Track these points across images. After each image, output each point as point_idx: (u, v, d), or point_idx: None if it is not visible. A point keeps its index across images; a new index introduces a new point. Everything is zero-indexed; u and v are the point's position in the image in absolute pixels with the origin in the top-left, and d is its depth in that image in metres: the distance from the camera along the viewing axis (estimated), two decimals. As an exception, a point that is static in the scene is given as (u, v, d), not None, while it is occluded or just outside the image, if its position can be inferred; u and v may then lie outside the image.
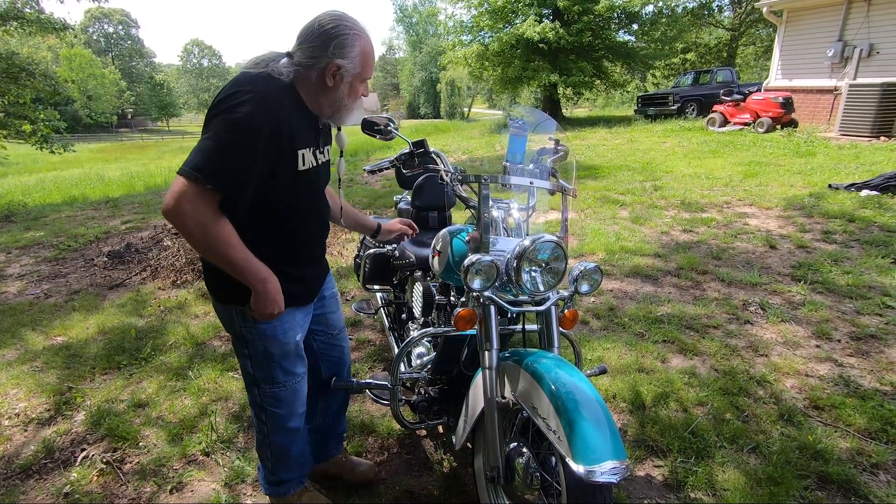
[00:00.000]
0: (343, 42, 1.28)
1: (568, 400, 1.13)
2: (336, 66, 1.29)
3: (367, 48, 1.32)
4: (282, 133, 1.25)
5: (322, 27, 1.28)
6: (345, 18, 1.30)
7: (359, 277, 2.62)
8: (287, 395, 1.52)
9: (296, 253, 1.43)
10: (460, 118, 40.05)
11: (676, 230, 4.69)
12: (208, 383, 2.56)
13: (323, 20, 1.28)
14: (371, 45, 1.33)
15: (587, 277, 1.43)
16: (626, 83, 19.26)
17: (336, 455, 1.90)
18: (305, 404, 1.62)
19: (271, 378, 1.49)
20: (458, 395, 1.77)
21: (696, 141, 10.10)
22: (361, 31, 1.31)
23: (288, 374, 1.50)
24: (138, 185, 10.00)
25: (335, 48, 1.28)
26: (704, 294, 3.34)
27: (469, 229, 1.61)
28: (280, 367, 1.48)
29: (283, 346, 1.46)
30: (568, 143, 1.63)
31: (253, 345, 1.45)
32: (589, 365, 2.52)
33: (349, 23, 1.30)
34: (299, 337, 1.50)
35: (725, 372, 2.45)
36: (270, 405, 1.53)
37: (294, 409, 1.56)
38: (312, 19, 1.29)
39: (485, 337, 1.38)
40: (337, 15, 1.30)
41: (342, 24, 1.28)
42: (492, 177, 1.42)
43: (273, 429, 1.57)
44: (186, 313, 3.45)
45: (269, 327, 1.43)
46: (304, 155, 1.34)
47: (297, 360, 1.52)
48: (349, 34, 1.28)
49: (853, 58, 10.16)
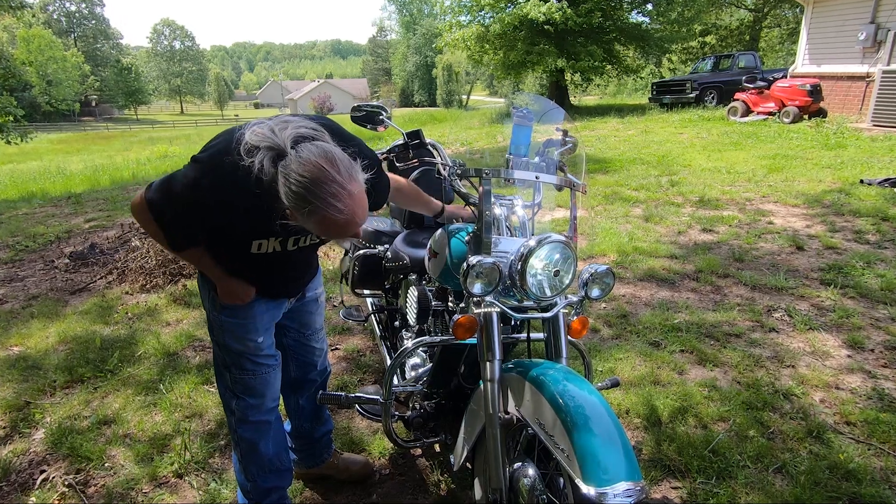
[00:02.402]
0: (310, 210, 1.15)
1: (577, 415, 1.13)
2: (296, 217, 1.21)
3: (329, 220, 1.17)
4: (221, 217, 1.30)
5: (298, 182, 1.13)
6: (320, 184, 1.13)
7: (347, 281, 2.62)
8: (256, 384, 1.60)
9: (265, 285, 1.56)
10: (458, 106, 40.07)
11: (695, 229, 4.70)
12: (181, 398, 2.55)
13: (304, 171, 1.13)
14: (339, 217, 1.16)
15: (598, 281, 1.43)
16: (639, 69, 19.33)
17: (328, 459, 1.98)
18: (276, 400, 1.69)
19: (240, 364, 1.59)
20: (456, 410, 1.77)
21: (715, 132, 10.14)
22: (330, 202, 1.15)
23: (256, 364, 1.60)
24: (103, 180, 9.97)
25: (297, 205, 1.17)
26: (725, 299, 3.35)
27: (469, 228, 1.61)
28: (246, 357, 1.58)
29: (243, 344, 1.57)
30: (577, 134, 1.63)
31: (218, 333, 1.58)
32: (600, 377, 2.52)
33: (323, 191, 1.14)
34: (260, 340, 1.58)
35: (749, 384, 2.46)
36: (240, 392, 1.62)
37: (263, 402, 1.63)
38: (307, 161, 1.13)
39: (486, 346, 1.38)
40: (315, 175, 1.13)
41: (315, 190, 1.14)
42: (494, 171, 1.42)
43: (240, 419, 1.64)
44: (157, 320, 3.44)
45: (230, 322, 1.54)
46: (263, 244, 1.42)
47: (261, 356, 1.61)
48: (315, 205, 1.14)
49: (887, 42, 10.23)
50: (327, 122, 1.36)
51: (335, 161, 1.16)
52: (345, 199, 1.15)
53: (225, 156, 1.23)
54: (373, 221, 2.66)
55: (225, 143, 1.26)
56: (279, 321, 1.69)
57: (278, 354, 1.66)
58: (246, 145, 1.17)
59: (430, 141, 1.74)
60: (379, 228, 2.56)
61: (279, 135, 1.17)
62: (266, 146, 1.16)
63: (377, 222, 2.66)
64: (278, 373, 1.66)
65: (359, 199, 1.18)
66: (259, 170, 1.16)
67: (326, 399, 1.75)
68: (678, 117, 12.84)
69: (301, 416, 1.91)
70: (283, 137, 1.16)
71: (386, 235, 2.50)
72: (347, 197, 1.16)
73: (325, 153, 1.15)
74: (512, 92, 32.50)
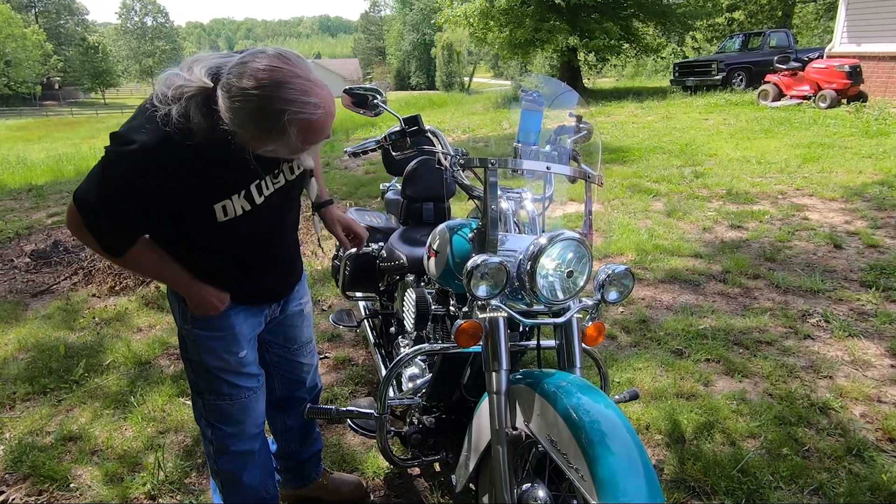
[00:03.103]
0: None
1: (593, 431, 1.13)
2: (264, 141, 1.18)
3: (308, 123, 1.14)
4: (169, 192, 1.22)
5: (258, 96, 1.10)
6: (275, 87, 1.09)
7: (337, 283, 2.62)
8: (234, 411, 1.56)
9: (240, 279, 1.49)
10: (460, 89, 40.06)
11: (722, 226, 4.70)
12: (155, 411, 2.55)
13: (260, 79, 1.09)
14: (317, 115, 1.13)
15: (615, 283, 1.43)
16: (660, 48, 19.32)
17: (316, 479, 1.96)
18: (261, 425, 1.65)
19: (215, 389, 1.54)
20: (458, 425, 1.76)
21: (744, 118, 10.13)
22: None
23: (234, 388, 1.54)
24: (67, 170, 9.97)
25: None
26: (756, 303, 3.35)
27: (472, 224, 1.61)
28: (223, 379, 1.53)
29: (223, 360, 1.51)
30: (591, 120, 1.63)
31: (192, 350, 1.52)
32: (617, 389, 2.52)
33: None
34: (243, 354, 1.54)
35: (781, 397, 2.46)
36: (215, 420, 1.57)
37: (244, 430, 1.59)
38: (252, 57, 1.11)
39: (491, 355, 1.38)
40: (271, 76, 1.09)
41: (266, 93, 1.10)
42: (500, 161, 1.42)
43: (219, 450, 1.60)
44: (127, 326, 3.44)
45: (206, 336, 1.48)
46: (227, 206, 1.32)
47: (243, 375, 1.56)
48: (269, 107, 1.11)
49: (934, 18, 10.21)
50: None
51: (285, 56, 1.11)
52: (315, 92, 1.11)
53: (146, 122, 1.18)
54: (365, 216, 2.66)
55: (141, 110, 1.22)
56: (261, 335, 1.65)
57: (262, 373, 1.63)
58: (162, 98, 1.14)
59: (429, 127, 1.73)
60: (372, 224, 2.56)
61: (194, 75, 1.14)
62: (188, 93, 1.13)
63: (370, 217, 2.66)
64: (261, 395, 1.62)
65: (324, 86, 1.15)
66: (188, 119, 1.12)
67: (315, 413, 1.74)
68: (703, 102, 12.82)
69: (288, 437, 1.89)
70: (199, 75, 1.13)
71: (380, 232, 2.50)
72: (316, 87, 1.12)
73: (269, 52, 1.11)
74: (519, 74, 32.48)
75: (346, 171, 7.90)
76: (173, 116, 1.13)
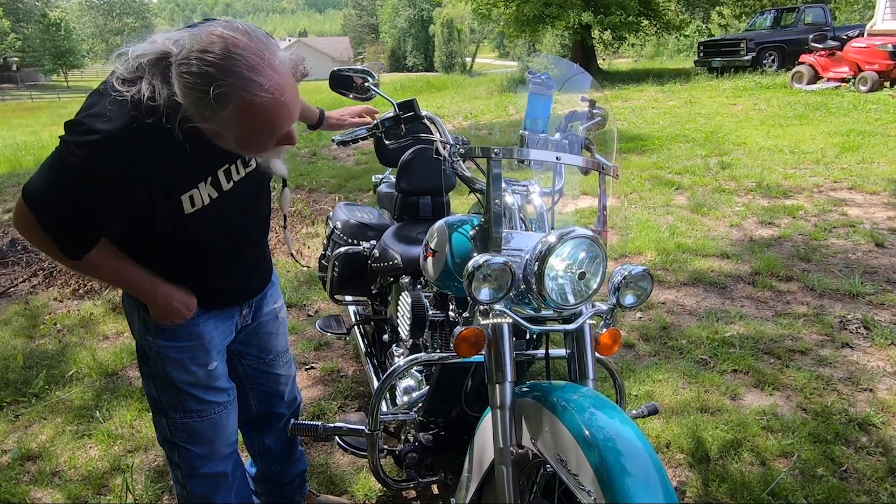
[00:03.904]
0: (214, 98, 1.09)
1: (607, 450, 1.13)
2: (207, 119, 1.16)
3: (251, 106, 1.11)
4: (136, 186, 1.21)
5: (200, 61, 1.08)
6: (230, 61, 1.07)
7: (324, 285, 2.62)
8: (203, 429, 1.55)
9: (207, 275, 1.48)
10: (461, 71, 40.06)
11: (751, 222, 4.70)
12: (122, 427, 2.55)
13: (205, 45, 1.08)
14: (263, 99, 1.10)
15: (632, 286, 1.43)
16: (683, 25, 19.32)
17: (301, 502, 1.97)
18: (233, 444, 1.65)
19: (181, 405, 1.53)
20: (458, 443, 1.76)
21: (776, 103, 10.13)
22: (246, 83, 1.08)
23: (203, 403, 1.54)
24: (26, 161, 9.96)
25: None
26: (789, 308, 3.35)
27: (474, 220, 1.61)
28: (190, 394, 1.52)
29: (191, 373, 1.50)
30: (606, 106, 1.63)
31: (154, 363, 1.50)
32: (635, 403, 2.52)
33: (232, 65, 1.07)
34: (213, 366, 1.53)
35: (817, 412, 2.46)
36: (182, 441, 1.56)
37: (214, 449, 1.59)
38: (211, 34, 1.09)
39: (495, 366, 1.38)
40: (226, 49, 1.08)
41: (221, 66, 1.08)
42: (505, 150, 1.41)
43: (187, 473, 1.60)
44: (92, 333, 3.44)
45: (172, 347, 1.47)
46: (195, 196, 1.31)
47: (213, 390, 1.56)
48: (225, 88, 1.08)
49: None
50: None
51: (241, 29, 1.09)
52: (266, 72, 1.07)
53: (109, 107, 1.15)
54: (356, 212, 2.66)
55: (99, 93, 1.19)
56: (231, 346, 1.65)
57: (233, 388, 1.63)
58: (122, 77, 1.12)
59: (426, 113, 1.73)
60: (363, 221, 2.56)
61: (154, 47, 1.11)
62: (149, 60, 1.10)
63: (361, 213, 2.66)
64: (232, 411, 1.62)
65: (284, 73, 1.11)
66: (155, 96, 1.09)
67: (299, 430, 1.74)
68: (730, 85, 12.82)
69: (268, 459, 1.88)
70: (158, 48, 1.10)
71: (372, 229, 2.50)
72: (269, 69, 1.08)
73: (232, 22, 1.10)
74: (527, 53, 32.49)
75: (334, 162, 7.91)
76: (143, 95, 1.11)
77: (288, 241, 1.81)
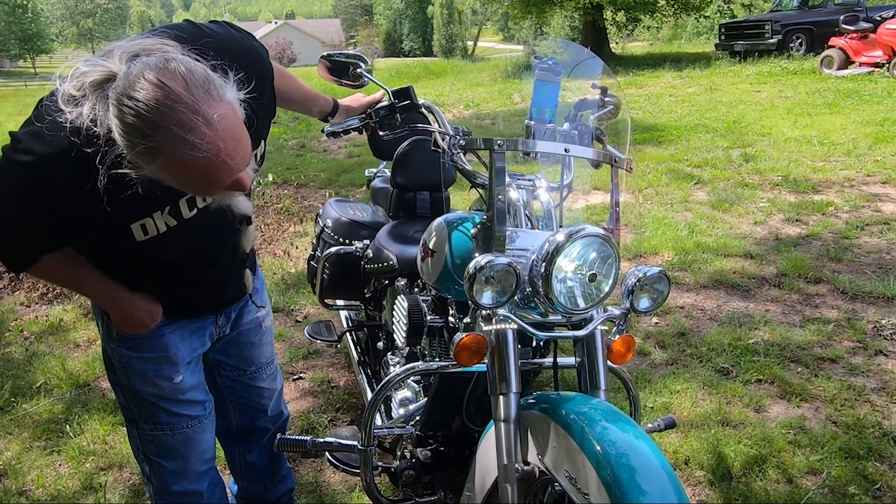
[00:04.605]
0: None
1: (620, 467, 1.14)
2: (139, 166, 1.13)
3: (180, 164, 1.07)
4: (73, 214, 1.20)
5: (130, 109, 1.04)
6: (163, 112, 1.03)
7: (314, 288, 2.62)
8: (175, 443, 1.56)
9: (174, 285, 1.47)
10: (462, 56, 40.09)
11: (777, 219, 4.70)
12: (95, 443, 2.55)
13: (133, 92, 1.03)
14: (193, 157, 1.05)
15: (648, 288, 1.43)
16: (703, 5, 19.30)
17: None
18: (209, 461, 1.65)
19: (150, 416, 1.53)
20: (459, 459, 1.77)
21: (804, 90, 10.13)
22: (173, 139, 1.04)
23: (173, 416, 1.54)
24: (-9, 154, 9.99)
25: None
26: (818, 312, 3.35)
27: (476, 218, 1.61)
28: (159, 406, 1.52)
29: (155, 386, 1.50)
30: (619, 93, 1.63)
31: (121, 372, 1.51)
32: (650, 416, 2.52)
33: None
34: (179, 379, 1.52)
35: (848, 425, 2.46)
36: (153, 454, 1.57)
37: (188, 465, 1.59)
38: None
39: (499, 375, 1.38)
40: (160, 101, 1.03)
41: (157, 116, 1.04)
42: (509, 141, 1.41)
43: (159, 489, 1.60)
44: (63, 340, 3.44)
45: (135, 357, 1.47)
46: (147, 225, 1.29)
47: (183, 403, 1.55)
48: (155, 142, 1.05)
49: None
50: (187, 29, 1.27)
51: (178, 73, 1.04)
52: (199, 129, 1.03)
53: (47, 129, 1.12)
54: (348, 209, 2.66)
55: (44, 110, 1.16)
56: (209, 355, 1.65)
57: (209, 400, 1.62)
58: (65, 96, 1.09)
59: (423, 102, 1.73)
60: (356, 218, 2.56)
61: (103, 65, 1.07)
62: (94, 81, 1.06)
63: (353, 210, 2.66)
64: (208, 425, 1.62)
65: (225, 128, 1.06)
66: (90, 120, 1.06)
67: (286, 445, 1.74)
68: (754, 70, 12.82)
69: (251, 477, 1.88)
70: (106, 67, 1.07)
71: (365, 228, 2.50)
72: (203, 125, 1.03)
73: (164, 64, 1.05)
74: (533, 37, 32.52)
75: (324, 155, 7.91)
76: (84, 120, 1.07)
77: (249, 241, 1.64)
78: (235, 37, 1.35)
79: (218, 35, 1.29)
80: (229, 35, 1.34)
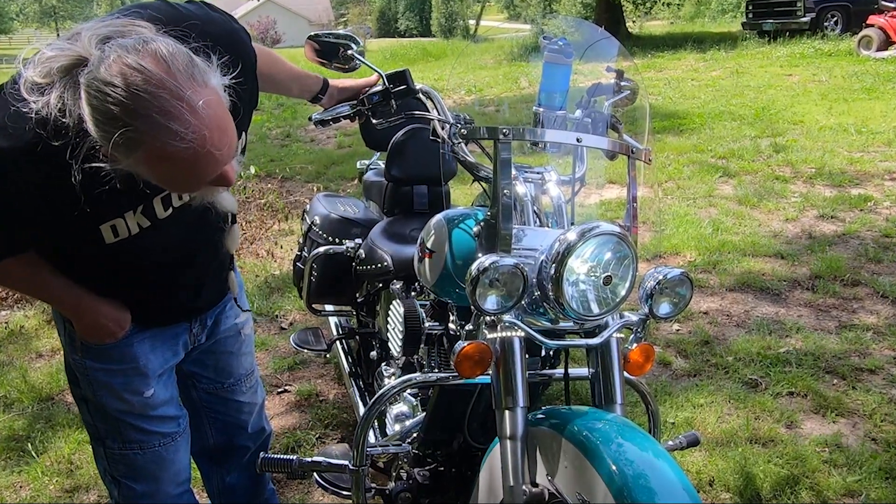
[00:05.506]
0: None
1: (637, 488, 1.14)
2: (116, 159, 1.12)
3: (163, 155, 1.07)
4: (37, 213, 1.20)
5: (106, 97, 1.03)
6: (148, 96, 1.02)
7: (300, 292, 2.62)
8: (145, 463, 1.55)
9: (143, 290, 1.47)
10: (463, 36, 40.08)
11: (810, 216, 4.70)
12: (60, 462, 2.55)
13: (111, 78, 1.02)
14: (178, 148, 1.05)
15: (668, 292, 1.43)
16: (728, -20, 19.31)
17: None
18: (184, 483, 1.64)
19: (118, 433, 1.52)
20: (461, 480, 1.77)
21: (840, 73, 10.13)
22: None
23: (144, 433, 1.53)
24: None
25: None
26: (855, 318, 3.35)
27: (479, 215, 1.61)
28: (127, 423, 1.52)
29: (123, 401, 1.49)
30: (637, 77, 1.64)
31: (85, 386, 1.50)
32: (671, 432, 2.52)
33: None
34: (150, 393, 1.52)
35: (889, 443, 2.46)
36: (122, 475, 1.56)
37: (160, 488, 1.58)
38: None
39: (504, 388, 1.38)
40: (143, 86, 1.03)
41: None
42: (515, 130, 1.42)
43: None
44: (24, 349, 3.44)
45: (100, 369, 1.46)
46: (118, 226, 1.28)
47: (155, 419, 1.55)
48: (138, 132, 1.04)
49: None
50: (162, 9, 1.24)
51: (160, 56, 1.03)
52: (183, 116, 1.02)
53: (9, 121, 1.11)
54: (338, 205, 2.66)
55: (3, 96, 1.14)
56: (184, 366, 1.65)
57: (183, 416, 1.62)
58: (28, 83, 1.07)
59: (421, 87, 1.74)
60: (346, 215, 2.56)
61: (72, 48, 1.06)
62: (60, 67, 1.05)
63: (344, 206, 2.66)
64: (182, 443, 1.61)
65: (211, 116, 1.06)
66: (65, 112, 1.05)
67: (270, 465, 1.74)
68: (785, 51, 12.82)
69: (230, 499, 1.88)
70: (74, 51, 1.05)
71: (357, 225, 2.50)
72: (188, 112, 1.02)
73: (143, 46, 1.04)
74: (542, 15, 32.53)
75: (311, 145, 7.92)
76: (51, 110, 1.06)
77: (232, 242, 1.64)
78: (215, 19, 1.35)
79: (196, 16, 1.28)
80: (208, 17, 1.33)
